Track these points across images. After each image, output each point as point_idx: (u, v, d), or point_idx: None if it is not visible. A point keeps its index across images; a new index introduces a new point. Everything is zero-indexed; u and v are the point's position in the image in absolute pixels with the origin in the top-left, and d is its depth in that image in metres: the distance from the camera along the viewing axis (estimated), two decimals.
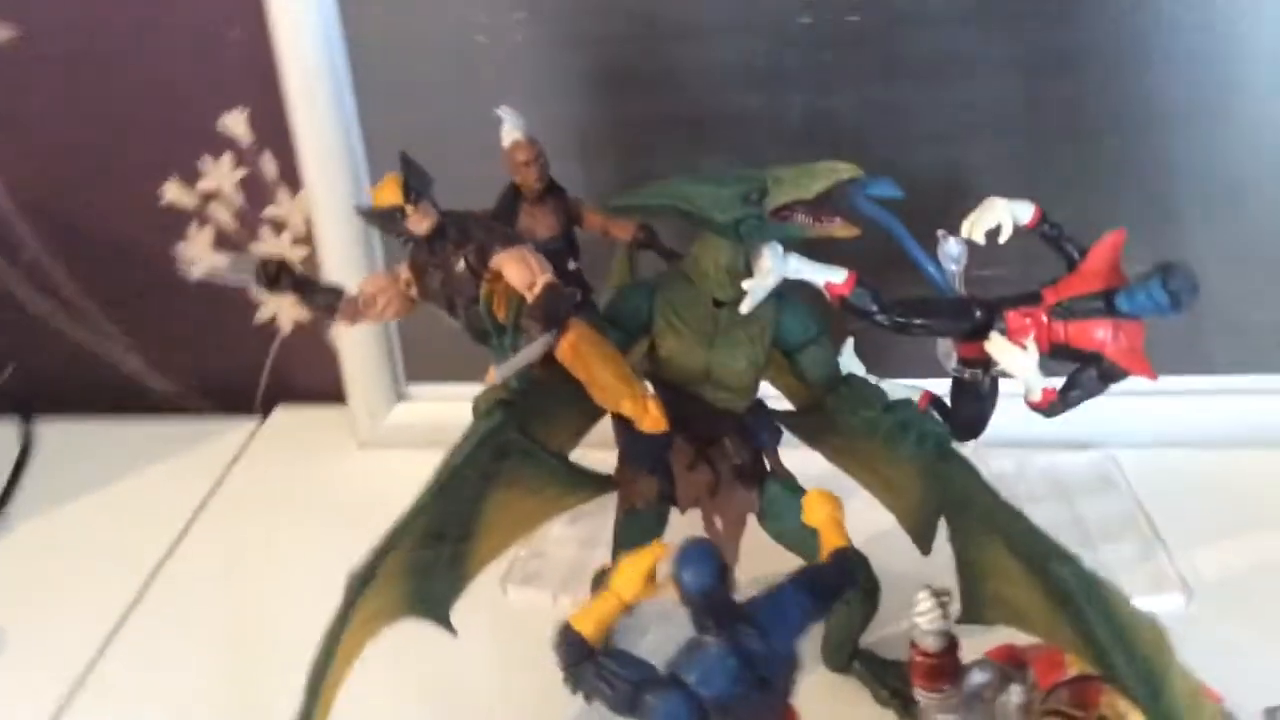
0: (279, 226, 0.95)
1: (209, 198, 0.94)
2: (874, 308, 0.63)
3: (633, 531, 0.65)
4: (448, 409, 0.90)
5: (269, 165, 0.92)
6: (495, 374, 0.56)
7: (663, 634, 0.54)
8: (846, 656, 0.70)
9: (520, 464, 0.61)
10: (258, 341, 1.01)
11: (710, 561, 0.46)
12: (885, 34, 0.78)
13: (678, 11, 0.80)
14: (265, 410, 1.02)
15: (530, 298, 0.56)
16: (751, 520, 0.67)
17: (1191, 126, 0.80)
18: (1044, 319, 0.64)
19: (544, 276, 0.56)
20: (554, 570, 0.80)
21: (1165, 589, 0.73)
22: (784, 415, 0.67)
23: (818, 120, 0.81)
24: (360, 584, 0.57)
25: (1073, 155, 0.81)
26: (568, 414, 0.63)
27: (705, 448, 0.64)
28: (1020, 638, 0.64)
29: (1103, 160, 0.81)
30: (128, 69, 0.90)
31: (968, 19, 0.78)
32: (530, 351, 0.56)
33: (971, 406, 0.69)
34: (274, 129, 0.90)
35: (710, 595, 0.46)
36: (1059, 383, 0.66)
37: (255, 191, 0.94)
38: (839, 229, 0.60)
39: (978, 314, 0.65)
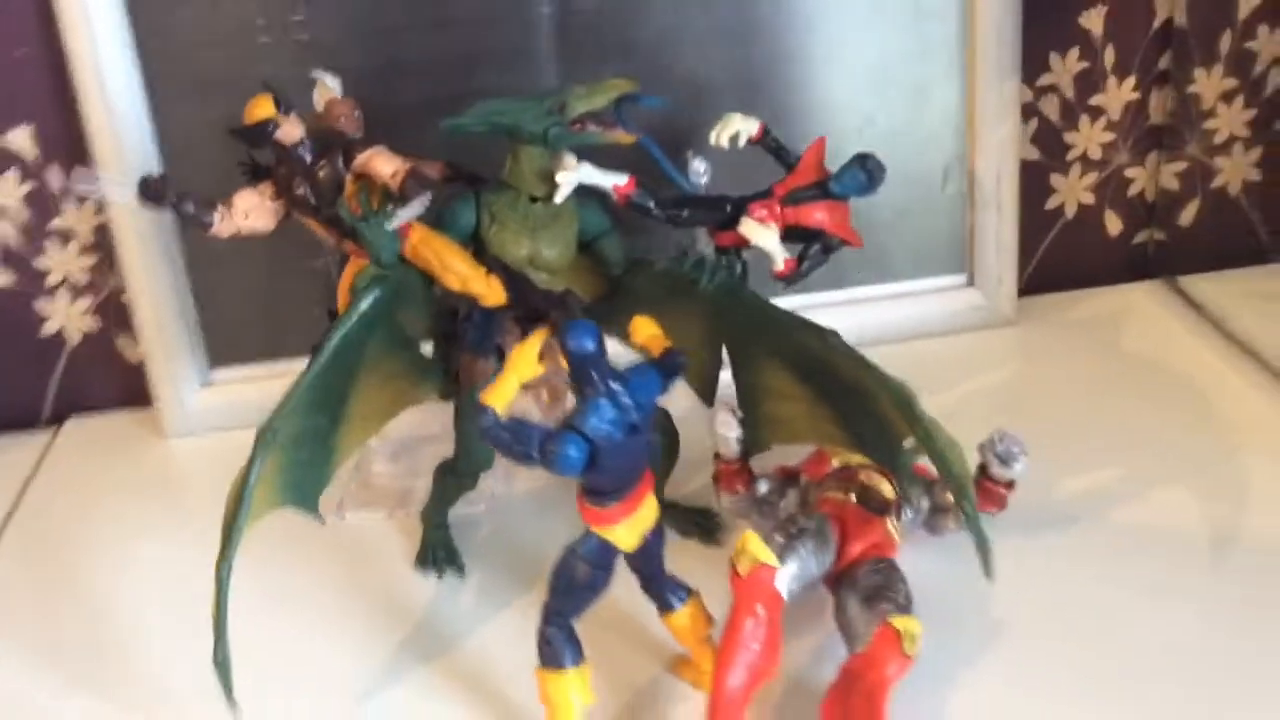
0: (66, 237, 1.00)
1: None
2: (651, 204, 0.79)
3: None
4: (253, 390, 1.00)
5: (55, 178, 0.98)
6: (392, 224, 0.67)
7: None
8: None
9: (384, 345, 0.72)
10: (43, 357, 1.04)
11: (590, 329, 0.59)
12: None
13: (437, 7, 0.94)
14: (56, 425, 1.05)
15: (395, 182, 0.68)
16: None
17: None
18: (777, 208, 0.82)
19: (405, 164, 0.69)
20: (382, 496, 0.90)
21: None
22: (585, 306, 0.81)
23: None
24: (271, 437, 0.66)
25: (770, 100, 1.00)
26: (418, 309, 0.75)
27: (531, 327, 0.77)
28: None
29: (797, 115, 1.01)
30: None
31: None
32: (416, 204, 0.67)
33: None
34: (60, 142, 0.97)
35: (591, 356, 0.59)
36: None
37: (40, 205, 0.99)
38: (621, 136, 0.75)
39: (728, 208, 0.82)
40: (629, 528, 0.63)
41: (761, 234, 0.80)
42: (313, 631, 0.77)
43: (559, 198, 0.74)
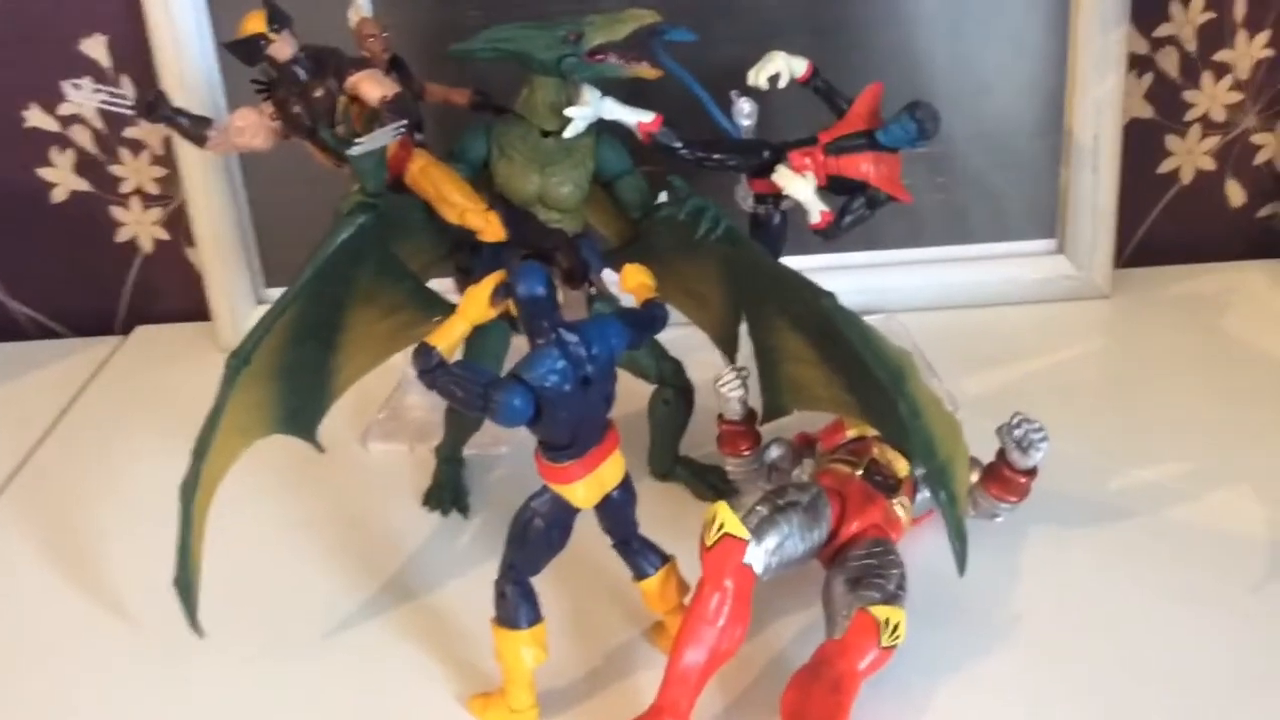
0: (138, 147, 1.02)
1: (70, 121, 1.01)
2: (678, 144, 0.74)
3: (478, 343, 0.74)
4: None
5: (127, 89, 0.99)
6: (354, 151, 0.65)
7: None
8: (670, 462, 0.81)
9: (378, 277, 0.70)
10: (118, 263, 1.07)
11: (540, 274, 0.55)
12: None
13: None
14: (127, 332, 1.08)
15: (382, 103, 0.66)
16: None
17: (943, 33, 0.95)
18: (820, 156, 0.76)
19: (394, 88, 0.66)
20: (408, 428, 0.89)
21: None
22: (608, 250, 0.78)
23: None
24: (239, 364, 0.65)
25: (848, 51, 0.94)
26: (420, 240, 0.73)
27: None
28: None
29: (876, 56, 0.95)
30: None
31: None
32: (384, 133, 0.65)
33: (766, 238, 0.80)
34: (133, 54, 0.97)
35: (541, 302, 0.56)
36: None
37: (115, 115, 1.00)
38: (645, 70, 0.70)
39: (765, 153, 0.77)
40: (588, 486, 0.59)
41: (795, 183, 0.75)
42: (305, 559, 0.77)
43: (569, 133, 0.70)
